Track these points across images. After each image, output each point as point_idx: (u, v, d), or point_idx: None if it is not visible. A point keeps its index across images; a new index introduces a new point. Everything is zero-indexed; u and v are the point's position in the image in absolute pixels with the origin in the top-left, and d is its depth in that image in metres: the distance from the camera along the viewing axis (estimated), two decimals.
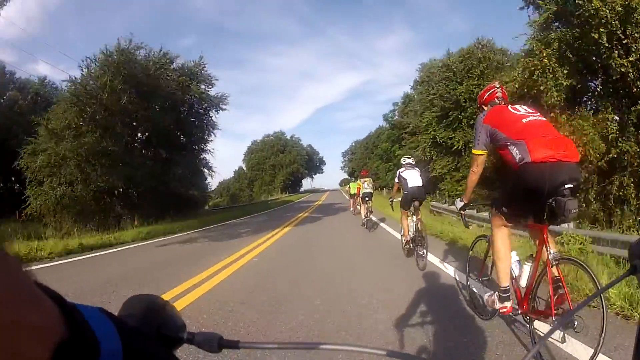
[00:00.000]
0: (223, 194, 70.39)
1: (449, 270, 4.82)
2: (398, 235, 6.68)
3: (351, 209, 16.91)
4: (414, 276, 4.70)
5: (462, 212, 3.08)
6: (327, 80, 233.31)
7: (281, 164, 71.84)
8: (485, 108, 2.71)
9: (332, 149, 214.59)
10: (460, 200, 2.98)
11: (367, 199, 10.74)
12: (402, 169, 5.74)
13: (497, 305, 2.51)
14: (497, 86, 2.73)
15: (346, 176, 79.33)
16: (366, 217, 10.55)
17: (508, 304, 2.45)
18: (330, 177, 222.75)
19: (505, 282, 2.44)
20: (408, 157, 5.99)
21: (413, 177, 5.53)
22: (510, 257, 2.49)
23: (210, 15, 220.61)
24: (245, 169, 78.17)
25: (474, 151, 2.61)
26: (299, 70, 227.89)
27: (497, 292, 2.54)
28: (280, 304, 3.90)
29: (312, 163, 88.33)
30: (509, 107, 2.52)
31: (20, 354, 0.24)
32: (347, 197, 21.78)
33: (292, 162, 72.36)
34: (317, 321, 3.33)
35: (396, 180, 5.84)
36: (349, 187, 17.30)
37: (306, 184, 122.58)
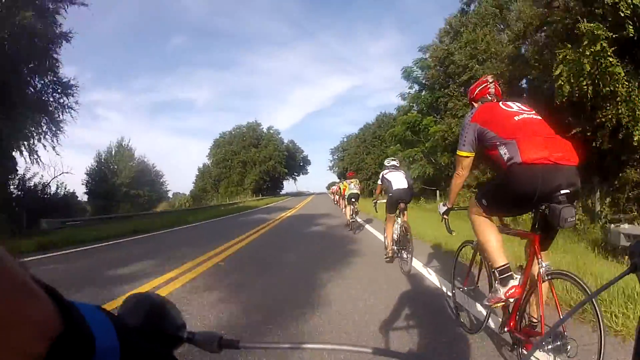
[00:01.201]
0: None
1: (433, 277, 4.60)
2: (382, 238, 6.21)
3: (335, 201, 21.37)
4: (397, 281, 4.55)
5: (445, 216, 2.85)
6: (316, 84, 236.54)
7: (253, 161, 59.08)
8: (475, 105, 2.54)
9: (321, 153, 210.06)
10: (444, 205, 2.82)
11: (353, 200, 10.66)
12: (386, 171, 5.79)
13: (501, 293, 2.20)
14: (490, 81, 2.54)
15: (335, 178, 68.28)
16: (351, 219, 10.44)
17: (514, 282, 2.18)
18: (317, 180, 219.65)
19: (500, 261, 2.22)
20: (392, 159, 6.07)
21: (398, 179, 5.52)
22: (498, 234, 2.30)
23: (198, 15, 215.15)
24: (210, 165, 64.84)
25: (458, 152, 2.41)
26: (288, 73, 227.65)
27: (495, 281, 2.29)
28: None
29: (294, 162, 75.96)
30: (501, 103, 2.35)
31: (15, 348, 0.24)
32: (334, 203, 23.76)
33: (268, 159, 59.93)
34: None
35: (379, 182, 5.88)
36: (338, 187, 18.38)
37: (288, 186, 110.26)
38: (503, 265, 2.21)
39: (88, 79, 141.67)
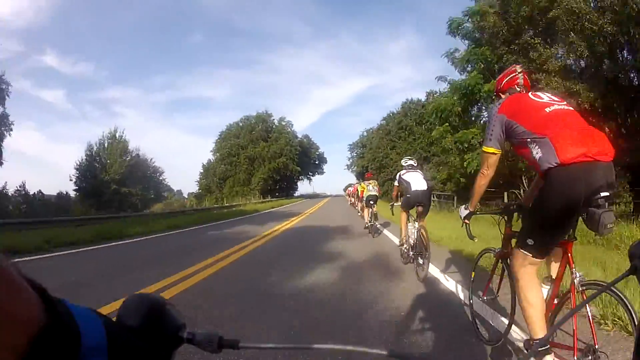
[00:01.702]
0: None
1: (451, 284, 4.38)
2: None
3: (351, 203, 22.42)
4: (413, 288, 4.35)
5: (466, 221, 2.60)
6: (334, 83, 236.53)
7: (262, 157, 52.28)
8: (503, 96, 2.36)
9: (338, 154, 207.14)
10: (465, 208, 2.58)
11: (371, 202, 10.26)
12: (403, 171, 5.59)
13: None
14: (519, 70, 2.38)
15: (353, 179, 61.54)
16: (370, 222, 10.05)
17: (549, 358, 1.91)
18: (334, 182, 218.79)
19: (541, 333, 1.98)
20: (409, 158, 5.81)
21: (416, 180, 5.30)
22: (543, 300, 2.07)
23: (217, 14, 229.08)
24: (214, 161, 58.51)
25: (484, 148, 2.25)
26: (306, 72, 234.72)
27: (530, 350, 2.08)
28: None
29: (308, 159, 68.87)
30: (530, 94, 2.20)
31: None
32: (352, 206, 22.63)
33: (278, 155, 52.94)
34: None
35: (396, 183, 5.73)
36: (355, 188, 19.04)
37: (303, 187, 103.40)
38: (543, 339, 1.87)
39: (105, 77, 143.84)
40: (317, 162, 77.14)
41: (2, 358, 0.25)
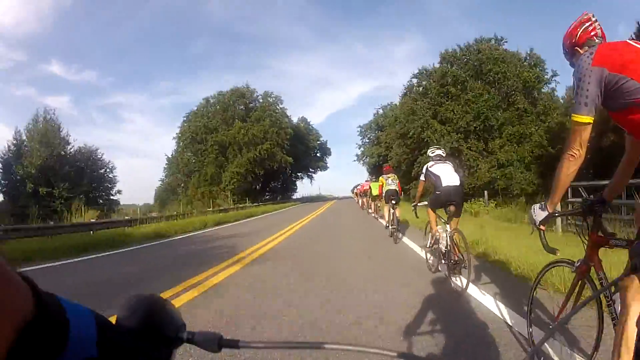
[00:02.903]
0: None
1: (497, 309, 3.55)
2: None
3: (365, 207, 19.59)
4: (447, 310, 3.66)
5: (541, 227, 2.00)
6: (339, 85, 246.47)
7: (237, 143, 37.63)
8: (582, 51, 1.90)
9: (345, 156, 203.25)
10: (542, 208, 1.99)
11: (392, 197, 9.29)
12: (431, 163, 4.95)
13: None
14: (594, 19, 1.96)
15: (364, 177, 48.06)
16: (392, 226, 8.90)
17: None
18: (341, 183, 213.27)
19: None
20: (437, 148, 5.23)
21: (447, 173, 4.70)
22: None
23: (223, 20, 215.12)
24: (176, 152, 44.18)
25: (576, 117, 1.75)
26: (311, 75, 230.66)
27: None
28: None
29: (306, 149, 54.01)
30: (629, 40, 1.81)
31: None
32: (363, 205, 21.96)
33: (261, 139, 38.04)
34: None
35: (422, 178, 5.12)
36: (370, 187, 16.22)
37: (304, 189, 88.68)
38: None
39: (110, 83, 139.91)
40: (318, 154, 62.49)
41: None
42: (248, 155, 38.83)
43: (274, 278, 5.24)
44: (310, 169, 62.72)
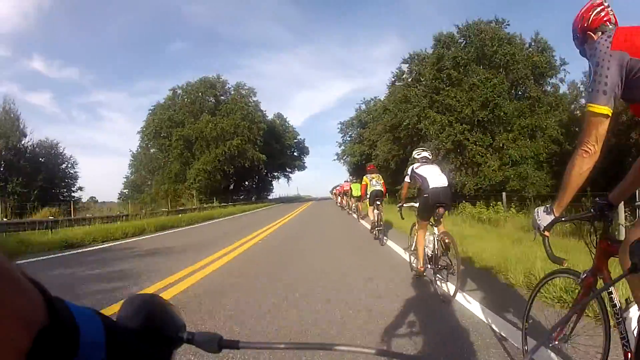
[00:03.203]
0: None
1: (487, 319, 3.30)
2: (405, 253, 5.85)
3: (339, 203, 22.19)
4: (434, 314, 3.50)
5: (546, 233, 1.83)
6: (318, 87, 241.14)
7: (205, 137, 33.73)
8: (595, 36, 1.76)
9: (325, 157, 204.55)
10: (547, 212, 1.82)
11: (377, 199, 9.04)
12: (417, 164, 4.73)
13: None
14: (606, 4, 1.80)
15: (344, 177, 44.78)
16: (377, 226, 8.66)
17: None
18: (320, 184, 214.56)
19: None
20: (423, 149, 4.97)
21: (434, 175, 4.49)
22: None
23: (202, 20, 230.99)
24: (140, 147, 39.96)
25: (592, 107, 1.58)
26: (289, 77, 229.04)
27: None
28: None
29: (281, 147, 50.53)
30: None
31: (2, 337, 0.26)
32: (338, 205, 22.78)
33: (231, 134, 34.26)
34: None
35: (407, 179, 4.92)
36: (350, 188, 16.37)
37: (281, 189, 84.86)
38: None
39: (91, 80, 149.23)
40: (295, 153, 58.91)
41: (8, 356, 0.26)
42: (216, 152, 34.61)
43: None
44: (287, 169, 59.12)
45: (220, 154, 34.60)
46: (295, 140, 58.17)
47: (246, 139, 36.26)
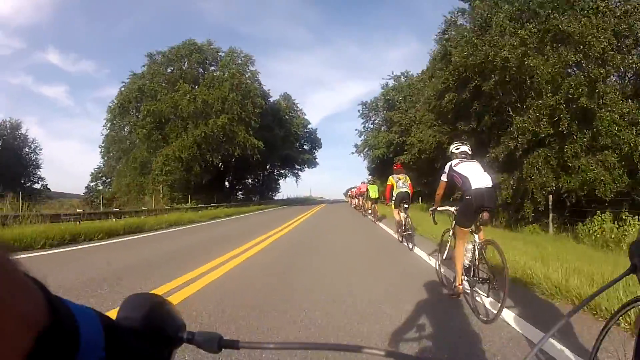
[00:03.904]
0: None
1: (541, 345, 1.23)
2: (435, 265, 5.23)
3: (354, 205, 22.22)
4: (471, 331, 3.10)
5: None
6: (333, 88, 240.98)
7: (181, 114, 24.76)
8: None
9: (338, 159, 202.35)
10: None
11: (404, 202, 8.25)
12: (456, 161, 4.10)
13: None
14: None
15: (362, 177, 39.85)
16: (405, 231, 7.99)
17: None
18: (334, 185, 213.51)
19: None
20: (462, 143, 4.31)
21: (478, 174, 3.88)
22: None
23: (218, 19, 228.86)
24: (108, 128, 31.46)
25: None
26: (305, 77, 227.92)
27: None
28: None
29: (288, 136, 41.50)
30: None
31: (5, 337, 0.26)
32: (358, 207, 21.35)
33: (217, 111, 25.25)
34: None
35: (444, 178, 4.22)
36: (367, 189, 15.95)
37: (287, 188, 76.69)
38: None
39: (106, 74, 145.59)
40: (304, 146, 49.87)
41: (9, 356, 0.26)
42: (195, 133, 25.69)
43: None
44: (296, 165, 50.02)
45: (199, 136, 25.64)
46: (305, 130, 48.79)
47: (236, 117, 26.80)
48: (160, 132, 27.15)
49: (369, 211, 15.58)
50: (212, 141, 26.24)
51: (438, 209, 4.57)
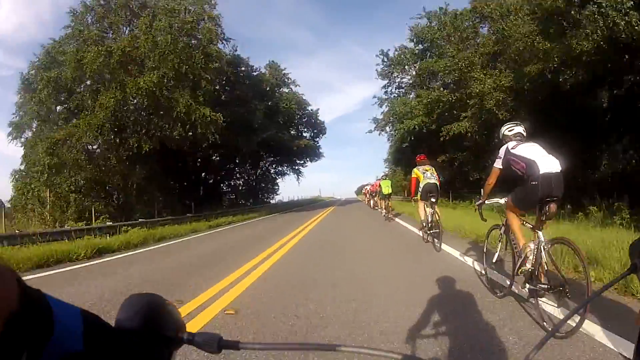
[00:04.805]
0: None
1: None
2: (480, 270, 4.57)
3: (367, 202, 21.91)
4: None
5: None
6: (341, 90, 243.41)
7: (89, 77, 14.28)
8: None
9: (348, 160, 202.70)
10: None
11: (431, 195, 7.32)
12: (512, 143, 3.46)
13: None
14: None
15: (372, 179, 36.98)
16: (432, 229, 7.21)
17: None
18: (345, 185, 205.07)
19: None
20: (516, 124, 3.64)
21: (542, 155, 3.21)
22: None
23: (224, 23, 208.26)
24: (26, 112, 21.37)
25: None
26: (314, 79, 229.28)
27: None
28: None
29: (273, 113, 30.89)
30: None
31: None
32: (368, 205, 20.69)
33: (151, 68, 14.78)
34: None
35: (498, 164, 3.55)
36: (380, 186, 15.38)
37: (290, 188, 64.42)
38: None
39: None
40: (303, 132, 39.41)
41: None
42: (105, 103, 15.04)
43: None
44: (297, 161, 39.05)
45: (111, 107, 15.04)
46: (304, 112, 37.46)
47: (174, 73, 16.08)
48: (66, 108, 17.11)
49: (383, 210, 14.84)
50: (137, 115, 16.11)
51: (485, 202, 4.02)
